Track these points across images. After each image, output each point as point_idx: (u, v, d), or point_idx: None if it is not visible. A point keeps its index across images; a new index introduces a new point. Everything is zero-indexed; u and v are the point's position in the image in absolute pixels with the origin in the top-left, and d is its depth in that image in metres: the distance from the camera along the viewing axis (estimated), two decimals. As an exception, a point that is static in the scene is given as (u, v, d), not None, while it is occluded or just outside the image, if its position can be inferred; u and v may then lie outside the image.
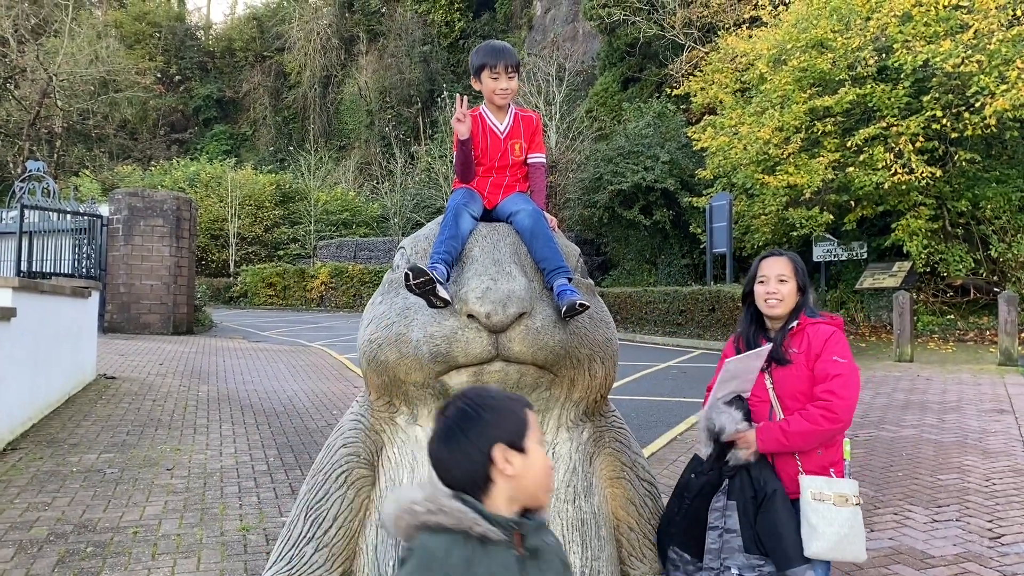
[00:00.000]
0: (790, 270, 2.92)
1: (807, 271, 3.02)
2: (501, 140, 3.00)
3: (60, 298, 8.70)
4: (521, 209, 2.86)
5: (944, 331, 16.37)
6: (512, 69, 2.98)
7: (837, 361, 2.74)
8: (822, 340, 2.80)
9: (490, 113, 3.00)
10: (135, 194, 18.95)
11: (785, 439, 2.72)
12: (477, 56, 3.00)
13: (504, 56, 2.97)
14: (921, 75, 15.57)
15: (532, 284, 2.59)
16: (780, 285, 2.90)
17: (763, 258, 3.05)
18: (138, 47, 52.94)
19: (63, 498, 5.19)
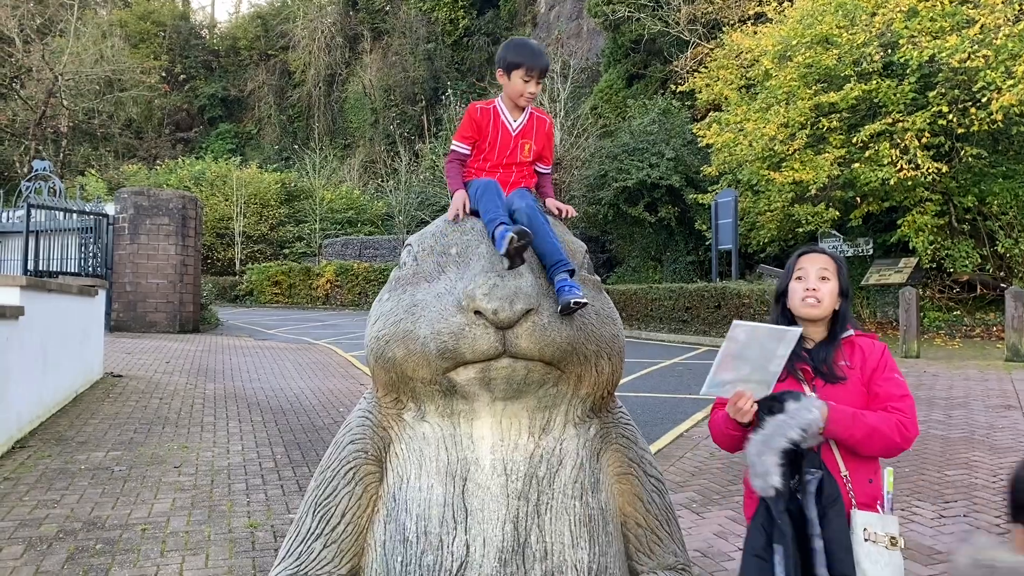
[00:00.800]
0: (833, 268, 2.59)
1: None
2: (512, 138, 2.99)
3: (67, 297, 8.73)
4: (518, 208, 2.86)
5: (951, 327, 16.33)
6: (543, 75, 2.97)
7: (899, 380, 2.47)
8: (879, 354, 2.50)
9: (506, 109, 2.97)
10: (141, 193, 19.00)
11: (851, 425, 2.37)
12: (513, 53, 2.92)
13: (542, 61, 2.94)
14: (927, 70, 15.53)
15: (539, 280, 2.59)
16: (821, 283, 2.56)
17: (802, 253, 2.70)
18: (143, 46, 53.05)
19: (72, 495, 5.22)
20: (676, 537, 2.91)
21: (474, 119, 2.94)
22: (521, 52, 2.93)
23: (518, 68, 2.90)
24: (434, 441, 2.74)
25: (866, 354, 2.51)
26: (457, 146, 2.96)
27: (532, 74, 2.91)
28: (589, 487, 2.73)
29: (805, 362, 2.56)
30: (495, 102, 2.99)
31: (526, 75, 2.90)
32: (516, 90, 2.93)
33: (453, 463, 2.69)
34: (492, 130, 2.95)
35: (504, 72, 2.95)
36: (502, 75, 2.96)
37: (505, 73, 2.95)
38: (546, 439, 2.71)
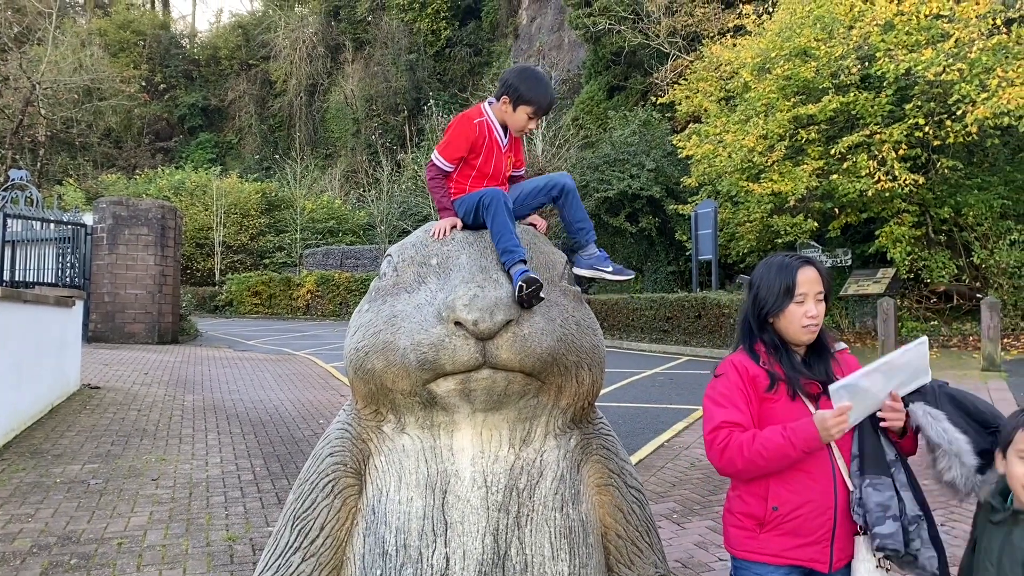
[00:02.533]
0: (823, 284, 2.43)
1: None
2: (503, 155, 2.98)
3: (43, 307, 8.63)
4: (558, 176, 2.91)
5: (928, 337, 16.46)
6: (546, 115, 2.94)
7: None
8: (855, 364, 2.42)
9: (497, 125, 2.92)
10: (120, 203, 18.85)
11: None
12: (528, 89, 2.84)
13: (549, 103, 2.88)
14: (903, 83, 15.72)
15: (519, 291, 2.60)
16: (819, 306, 2.40)
17: (797, 268, 2.43)
18: (122, 55, 52.76)
19: (46, 509, 5.15)
20: (656, 548, 2.91)
21: (469, 138, 2.87)
22: (536, 91, 2.86)
23: (528, 105, 2.85)
24: (414, 453, 2.73)
25: (850, 365, 2.44)
26: (442, 163, 2.90)
27: (538, 114, 2.87)
28: (569, 499, 2.72)
29: (808, 378, 2.38)
30: (485, 116, 2.93)
31: (533, 114, 2.86)
32: (518, 124, 2.89)
33: (433, 475, 2.67)
34: (486, 148, 2.90)
35: (511, 102, 2.87)
36: (507, 103, 2.88)
37: (512, 103, 2.87)
38: (526, 451, 2.70)
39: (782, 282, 2.42)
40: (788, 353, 2.41)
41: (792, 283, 2.39)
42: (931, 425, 2.25)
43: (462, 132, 2.87)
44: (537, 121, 2.92)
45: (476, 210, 2.78)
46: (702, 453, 7.13)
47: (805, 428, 2.22)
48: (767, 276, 2.48)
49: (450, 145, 2.88)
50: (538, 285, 2.42)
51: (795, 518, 2.33)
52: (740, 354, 2.52)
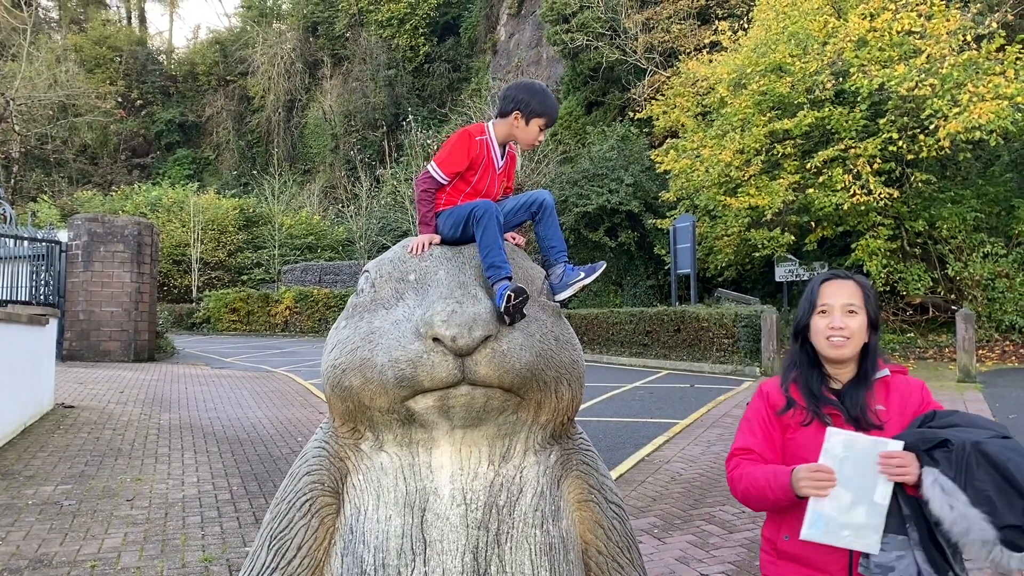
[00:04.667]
0: (860, 298, 2.28)
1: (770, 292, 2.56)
2: (496, 177, 2.97)
3: (16, 326, 8.50)
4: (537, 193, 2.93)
5: (904, 349, 16.63)
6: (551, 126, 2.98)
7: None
8: (918, 393, 2.22)
9: (496, 145, 2.93)
10: (95, 219, 18.67)
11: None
12: (538, 101, 2.87)
13: (557, 115, 2.92)
14: (877, 98, 15.93)
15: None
16: (848, 318, 2.26)
17: (824, 280, 2.38)
18: (98, 71, 52.43)
19: (18, 532, 5.05)
20: (637, 564, 2.90)
21: (470, 152, 2.87)
22: (546, 104, 2.90)
23: (540, 118, 2.88)
24: (392, 471, 2.70)
25: (903, 394, 2.23)
26: (438, 174, 2.87)
27: (549, 125, 2.92)
28: (550, 515, 2.70)
29: (833, 406, 2.26)
30: (487, 135, 2.93)
31: (544, 126, 2.89)
32: (530, 137, 2.87)
33: (412, 493, 2.65)
34: (483, 167, 2.90)
35: (524, 116, 2.89)
36: (519, 117, 2.89)
37: (524, 118, 2.89)
38: (506, 467, 2.69)
39: (808, 295, 2.39)
40: (816, 374, 2.32)
41: (815, 295, 2.35)
42: (936, 499, 1.96)
43: (463, 147, 2.87)
44: (545, 133, 2.94)
45: (466, 222, 2.75)
46: (683, 467, 7.13)
47: (783, 476, 2.15)
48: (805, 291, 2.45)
49: (450, 158, 2.87)
50: (525, 296, 2.42)
51: (809, 550, 2.21)
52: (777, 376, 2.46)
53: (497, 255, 2.64)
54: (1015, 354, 15.37)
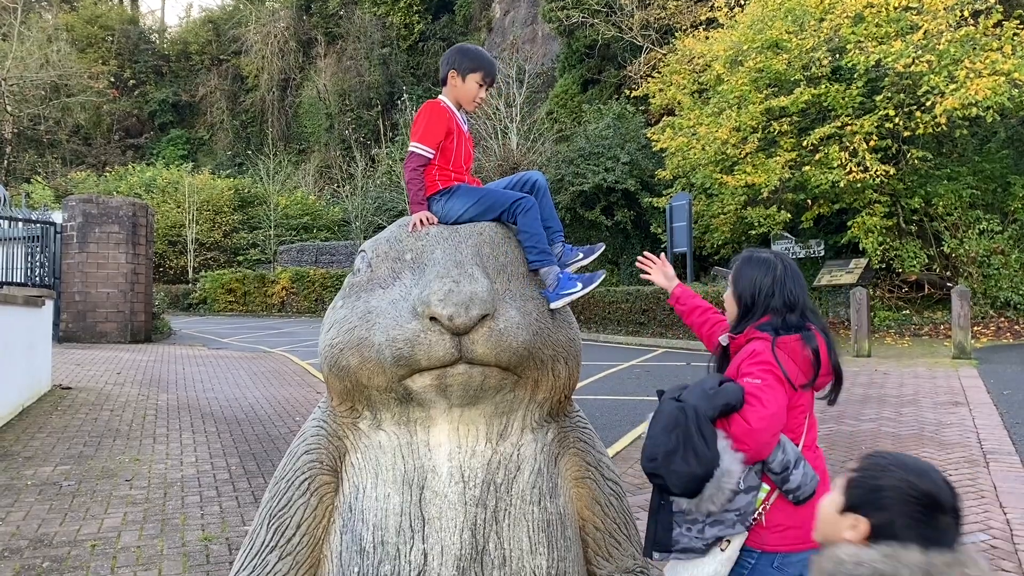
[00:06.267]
0: (731, 275, 2.63)
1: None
2: (466, 139, 2.98)
3: (11, 308, 8.49)
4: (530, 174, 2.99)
5: (900, 326, 16.68)
6: (492, 83, 2.99)
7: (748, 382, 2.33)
8: (748, 353, 2.44)
9: (456, 111, 2.93)
10: (89, 200, 18.59)
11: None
12: (470, 57, 2.92)
13: (496, 71, 2.98)
14: (874, 75, 15.87)
15: (495, 286, 2.59)
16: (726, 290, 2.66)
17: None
18: (90, 51, 51.97)
19: (18, 512, 5.07)
20: (635, 540, 2.92)
21: (445, 120, 2.87)
22: (479, 58, 2.93)
23: (475, 73, 2.90)
24: (390, 449, 2.71)
25: (742, 355, 2.47)
26: (423, 149, 2.86)
27: (487, 80, 2.92)
28: (547, 492, 2.72)
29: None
30: (444, 103, 2.94)
31: (482, 80, 2.91)
32: (469, 94, 2.91)
33: (410, 471, 2.66)
34: (456, 131, 2.91)
35: (459, 74, 2.91)
36: (455, 77, 2.92)
37: (460, 75, 2.91)
38: (504, 445, 2.70)
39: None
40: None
41: None
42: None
43: (436, 116, 2.88)
44: (486, 90, 2.95)
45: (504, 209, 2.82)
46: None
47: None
48: None
49: (428, 131, 2.87)
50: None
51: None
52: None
53: (543, 241, 2.77)
54: (1010, 330, 15.43)
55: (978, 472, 5.86)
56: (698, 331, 2.83)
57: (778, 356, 2.35)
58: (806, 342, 2.40)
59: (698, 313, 2.81)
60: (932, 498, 1.48)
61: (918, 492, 1.49)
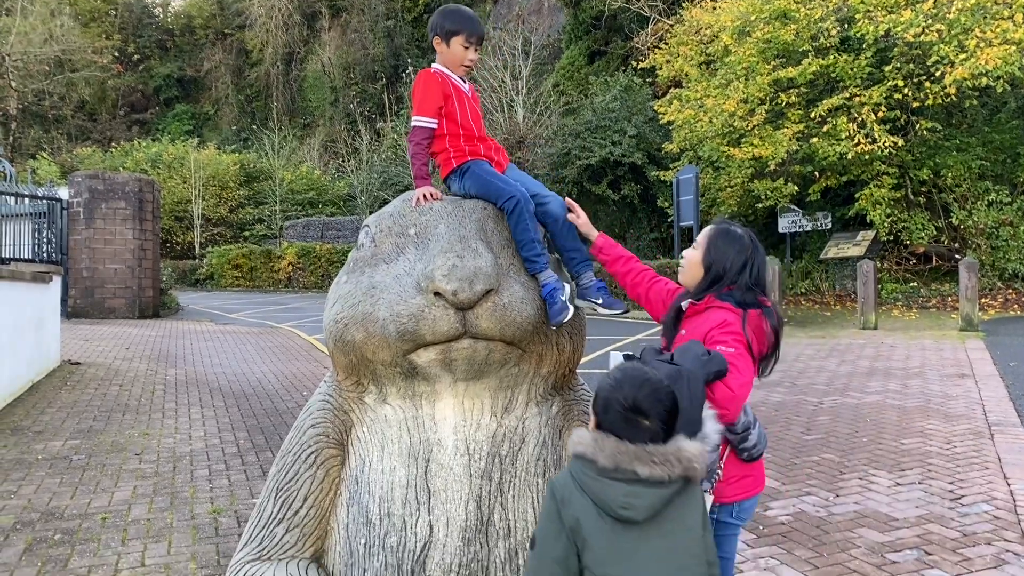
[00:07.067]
0: (705, 237, 2.66)
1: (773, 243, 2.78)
2: (470, 100, 2.93)
3: (19, 284, 8.53)
4: (551, 197, 2.88)
5: (908, 298, 16.65)
6: (481, 42, 2.92)
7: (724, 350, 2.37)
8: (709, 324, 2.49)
9: (452, 74, 2.88)
10: (95, 176, 18.58)
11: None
12: (450, 20, 2.85)
13: (480, 28, 2.89)
14: (883, 45, 15.71)
15: (499, 260, 2.59)
16: (691, 251, 2.70)
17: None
18: (94, 25, 51.72)
19: (29, 486, 5.13)
20: (639, 511, 2.94)
21: (438, 84, 2.83)
22: (460, 19, 2.86)
23: (457, 35, 2.84)
24: (396, 423, 2.73)
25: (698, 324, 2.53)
26: (424, 122, 2.83)
27: (472, 40, 2.86)
28: (552, 464, 2.74)
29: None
30: (436, 69, 2.90)
31: (466, 41, 2.84)
32: (456, 58, 2.86)
33: (415, 444, 2.68)
34: (456, 96, 2.86)
35: (442, 39, 2.87)
36: (440, 43, 2.88)
37: (444, 40, 2.87)
38: (508, 418, 2.71)
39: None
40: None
41: None
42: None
43: (430, 85, 2.84)
44: (475, 50, 2.89)
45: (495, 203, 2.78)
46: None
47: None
48: None
49: (425, 101, 2.84)
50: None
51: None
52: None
53: (531, 249, 2.68)
54: (1017, 302, 15.38)
55: (983, 444, 5.88)
56: (621, 280, 2.91)
57: (746, 329, 2.45)
58: (767, 317, 2.53)
59: (621, 263, 2.88)
60: (632, 405, 1.91)
61: (622, 400, 1.92)
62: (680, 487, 1.86)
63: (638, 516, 1.82)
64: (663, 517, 1.84)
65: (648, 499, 1.83)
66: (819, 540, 4.12)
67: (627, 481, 1.84)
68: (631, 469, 1.83)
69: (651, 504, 1.83)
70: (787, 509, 4.59)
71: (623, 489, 1.83)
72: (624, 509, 1.83)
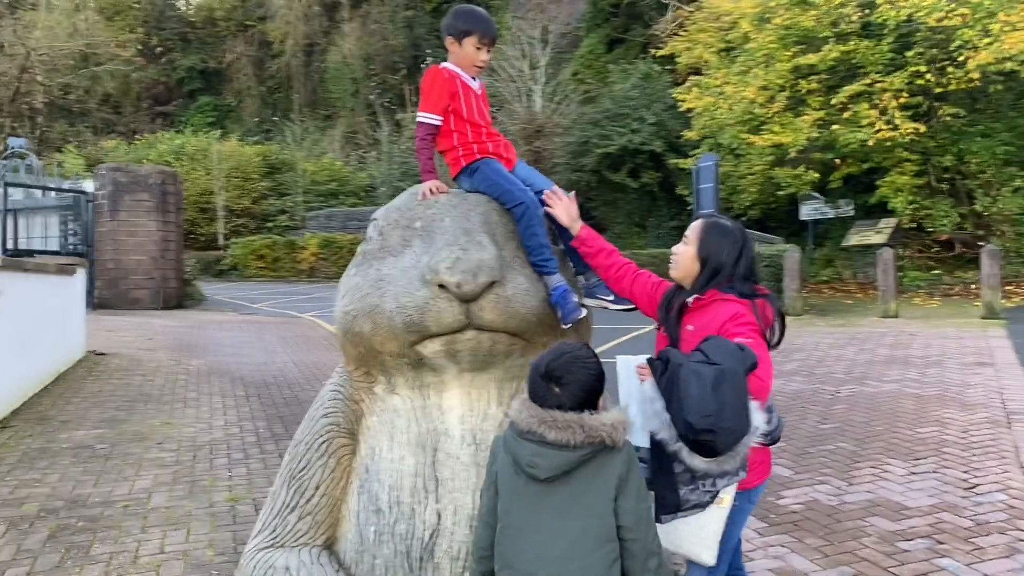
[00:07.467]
0: (695, 231, 2.63)
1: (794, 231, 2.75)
2: (479, 97, 2.97)
3: (45, 276, 8.69)
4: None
5: (930, 286, 16.49)
6: (494, 43, 2.95)
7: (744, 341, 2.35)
8: (723, 318, 2.46)
9: (462, 72, 2.92)
10: (119, 169, 18.80)
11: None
12: (465, 20, 2.89)
13: (493, 29, 2.93)
14: (905, 30, 15.52)
15: (503, 253, 2.63)
16: (681, 246, 2.66)
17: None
18: (117, 19, 52.07)
19: (53, 474, 5.25)
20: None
21: (444, 82, 2.87)
22: (473, 19, 2.90)
23: (470, 35, 2.87)
24: (405, 413, 2.79)
25: (709, 318, 2.49)
26: (429, 118, 2.88)
27: (484, 41, 2.89)
28: (559, 455, 2.79)
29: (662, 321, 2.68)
30: (447, 67, 2.94)
31: (479, 42, 2.88)
32: (468, 58, 2.90)
33: (424, 434, 2.74)
34: (463, 94, 2.90)
35: (455, 39, 2.91)
36: (452, 42, 2.92)
37: (456, 40, 2.91)
38: (514, 408, 2.76)
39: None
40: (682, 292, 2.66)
41: None
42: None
43: (436, 82, 2.89)
44: (488, 51, 2.92)
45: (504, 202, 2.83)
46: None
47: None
48: None
49: (430, 98, 2.89)
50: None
51: None
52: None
53: (540, 254, 2.72)
54: (1043, 290, 15.19)
55: (1000, 433, 5.84)
56: (604, 273, 2.84)
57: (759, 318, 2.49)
58: (772, 304, 2.55)
59: (603, 255, 2.82)
60: (544, 371, 2.05)
61: (537, 366, 2.08)
62: (591, 452, 1.98)
63: (540, 474, 1.98)
64: (572, 478, 1.99)
65: (551, 460, 1.97)
66: (830, 528, 4.13)
67: (536, 442, 1.99)
68: (539, 432, 1.98)
69: (554, 465, 1.97)
70: (799, 498, 4.61)
71: (531, 449, 1.99)
72: (530, 467, 1.99)
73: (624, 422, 2.03)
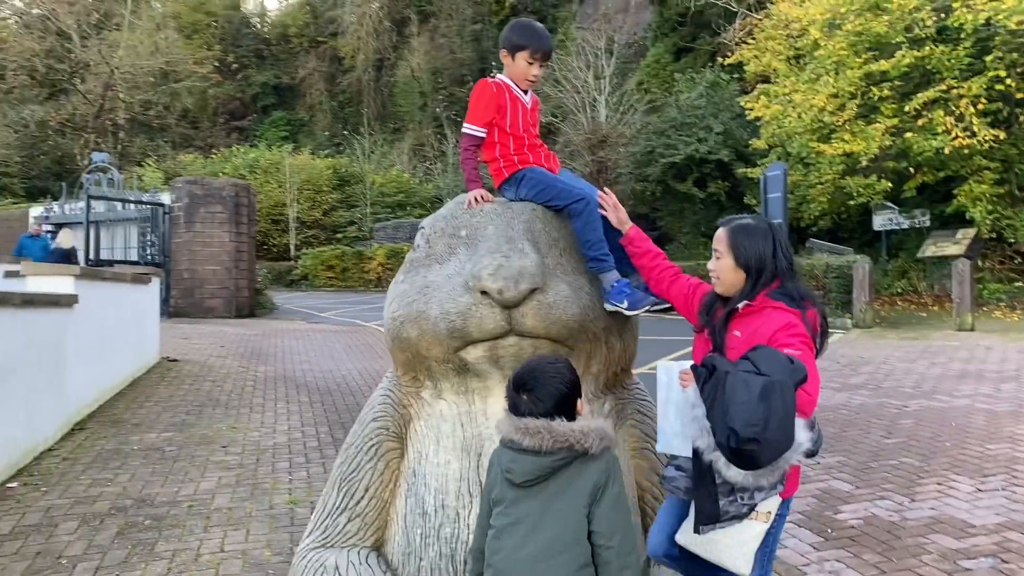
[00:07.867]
0: (724, 243, 2.54)
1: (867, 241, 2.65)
2: (528, 111, 3.01)
3: (122, 285, 9.04)
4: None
5: (1011, 299, 15.87)
6: (547, 58, 2.98)
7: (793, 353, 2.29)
8: (773, 326, 2.39)
9: (514, 85, 2.97)
10: (194, 182, 19.44)
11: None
12: (518, 35, 2.93)
13: (547, 44, 2.95)
14: (983, 34, 15.03)
15: (545, 260, 2.66)
16: (715, 262, 2.57)
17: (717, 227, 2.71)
18: (196, 37, 53.93)
19: (124, 474, 5.45)
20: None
21: (491, 96, 2.92)
22: (526, 34, 2.94)
23: (523, 50, 2.91)
24: (450, 418, 2.83)
25: (758, 326, 2.43)
26: (473, 130, 2.94)
27: (536, 56, 2.92)
28: (603, 462, 2.79)
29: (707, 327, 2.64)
30: (499, 79, 2.99)
31: (530, 57, 2.92)
32: (520, 72, 2.94)
33: (469, 439, 2.77)
34: (511, 107, 2.94)
35: (508, 53, 2.95)
36: (506, 56, 2.96)
37: (509, 54, 2.95)
38: (559, 415, 2.77)
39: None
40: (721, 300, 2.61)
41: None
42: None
43: (486, 95, 2.94)
44: (540, 66, 2.95)
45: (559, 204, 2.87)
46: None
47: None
48: None
49: (475, 111, 2.94)
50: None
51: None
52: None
53: (599, 248, 2.77)
54: None
55: (1078, 451, 5.60)
56: (647, 274, 2.82)
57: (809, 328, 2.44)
58: (819, 310, 2.50)
59: (650, 257, 2.82)
60: (514, 382, 2.18)
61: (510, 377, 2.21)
62: (566, 459, 2.06)
63: (516, 479, 2.08)
64: (549, 484, 2.08)
65: (524, 465, 2.07)
66: (889, 545, 4.02)
67: (515, 450, 2.09)
68: (516, 439, 2.08)
69: (528, 470, 2.06)
70: (858, 513, 4.49)
71: (509, 455, 2.11)
72: (507, 473, 2.10)
73: (598, 430, 2.08)
